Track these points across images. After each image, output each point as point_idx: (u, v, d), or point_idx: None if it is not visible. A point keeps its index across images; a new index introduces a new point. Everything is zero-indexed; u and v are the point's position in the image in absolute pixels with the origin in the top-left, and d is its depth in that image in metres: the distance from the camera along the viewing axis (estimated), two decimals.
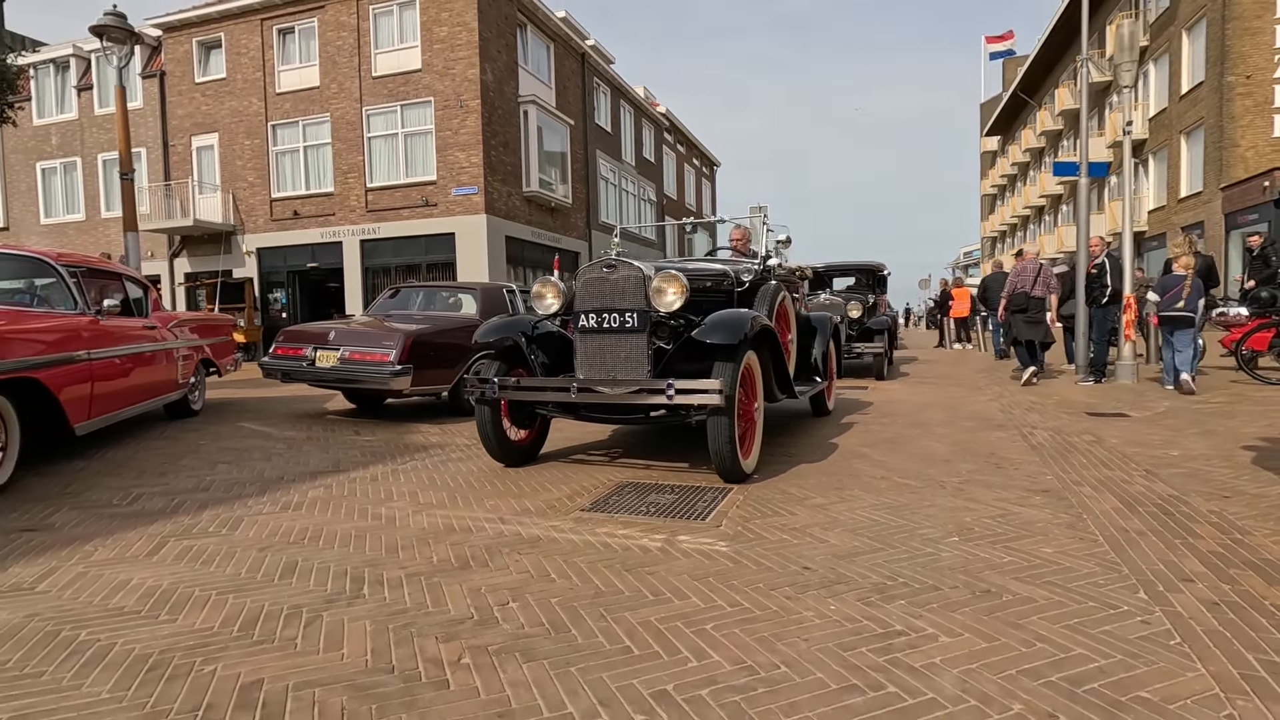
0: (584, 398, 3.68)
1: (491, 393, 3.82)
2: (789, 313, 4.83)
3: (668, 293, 3.64)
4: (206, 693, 1.68)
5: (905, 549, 2.60)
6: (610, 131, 25.08)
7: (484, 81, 17.08)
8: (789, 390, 4.33)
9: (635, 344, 3.68)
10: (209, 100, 19.56)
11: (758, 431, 3.87)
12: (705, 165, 38.64)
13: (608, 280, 3.78)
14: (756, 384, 3.86)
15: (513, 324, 4.15)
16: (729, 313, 3.64)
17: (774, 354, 4.04)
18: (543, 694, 1.65)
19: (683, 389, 3.39)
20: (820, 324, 5.63)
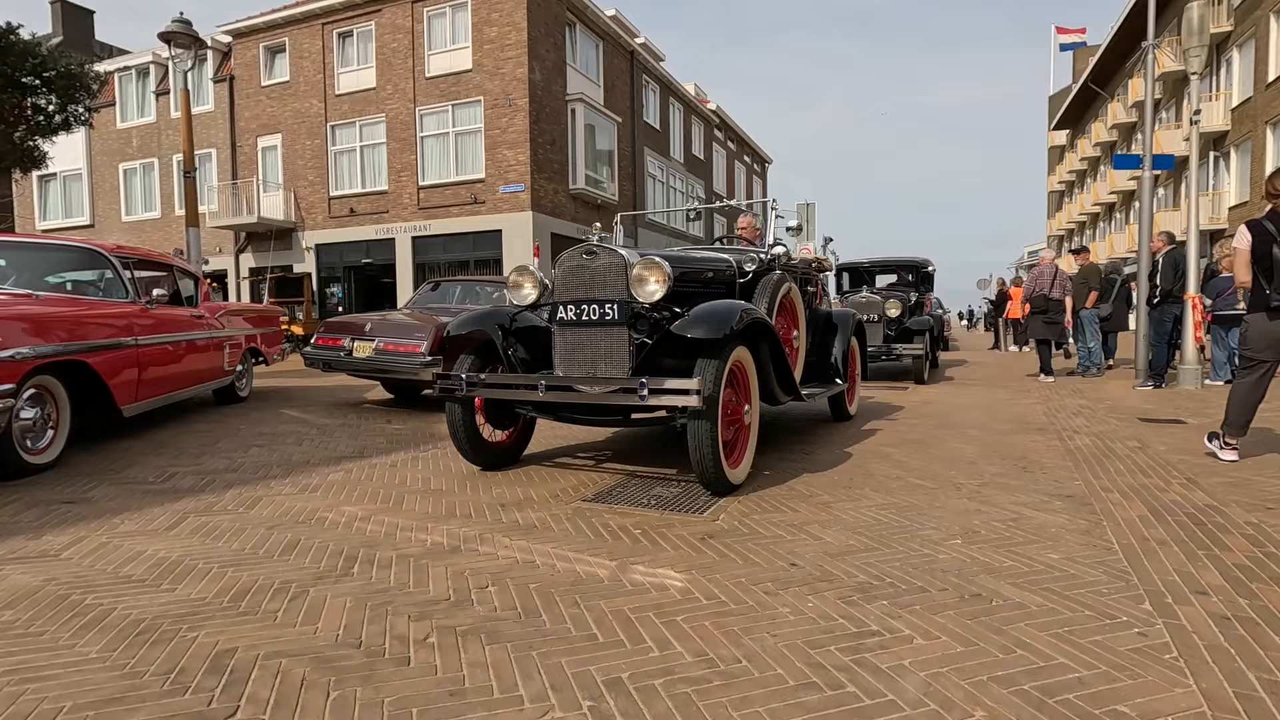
0: (554, 397, 3.32)
1: (459, 390, 3.50)
2: (796, 307, 4.48)
3: (649, 281, 3.24)
4: (183, 657, 1.75)
5: (902, 549, 2.52)
6: (659, 129, 25.06)
7: (532, 80, 17.31)
8: (793, 392, 3.90)
9: (616, 338, 3.32)
10: (273, 102, 20.43)
11: (750, 437, 3.50)
12: (757, 163, 38.22)
13: (588, 268, 3.39)
14: (749, 384, 3.47)
15: (488, 316, 3.80)
16: (716, 304, 3.26)
17: (774, 351, 3.62)
18: (498, 676, 1.66)
19: (658, 388, 3.00)
20: (842, 321, 5.26)
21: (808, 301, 4.93)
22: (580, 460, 4.18)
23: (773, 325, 3.57)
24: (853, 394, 5.66)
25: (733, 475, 3.26)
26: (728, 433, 3.28)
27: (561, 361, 3.49)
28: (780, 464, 3.98)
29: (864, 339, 5.75)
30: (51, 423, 4.00)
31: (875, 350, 7.69)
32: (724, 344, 3.10)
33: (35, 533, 2.81)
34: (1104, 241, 31.25)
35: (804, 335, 4.58)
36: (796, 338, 4.41)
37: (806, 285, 4.99)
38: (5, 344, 3.57)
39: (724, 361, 3.09)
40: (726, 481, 3.18)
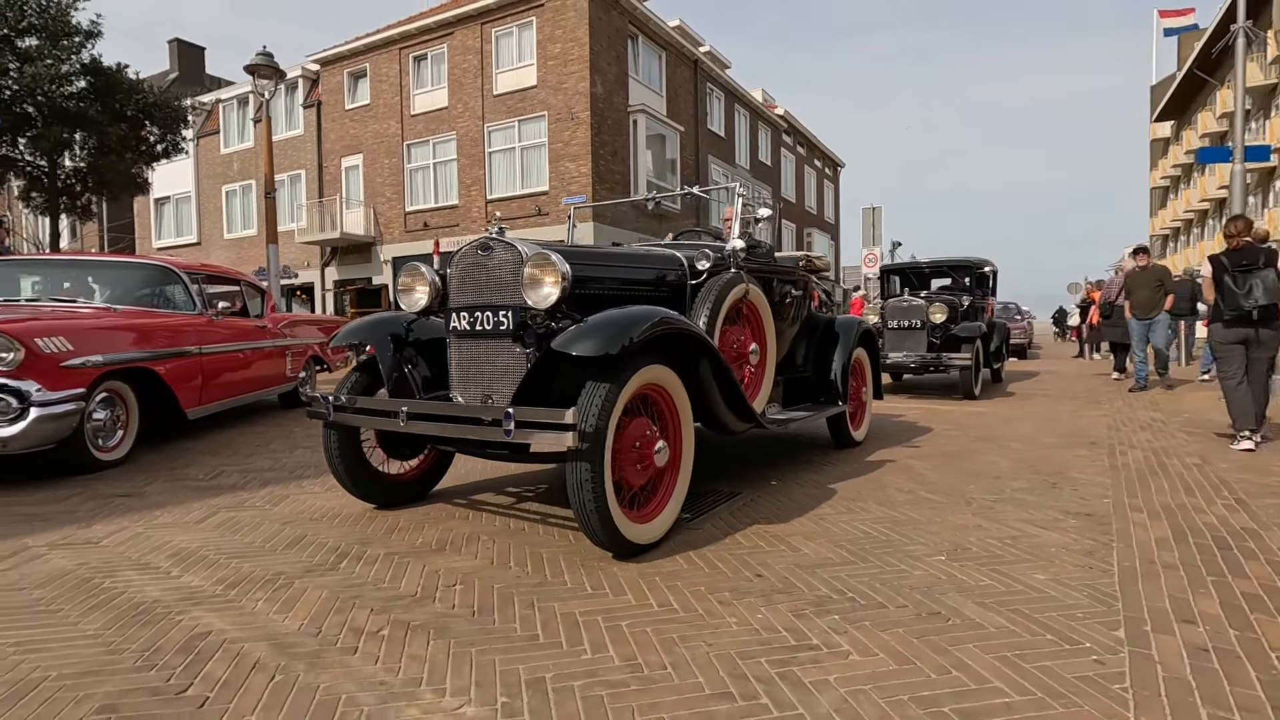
0: (416, 427, 2.69)
1: (325, 415, 2.94)
2: (760, 313, 3.61)
3: (543, 284, 2.60)
4: (163, 638, 1.93)
5: (878, 564, 2.45)
6: (723, 136, 25.00)
7: (593, 94, 17.66)
8: (747, 416, 3.13)
9: (513, 352, 2.72)
10: (355, 124, 21.70)
11: (675, 482, 2.76)
12: (828, 166, 37.43)
13: (484, 267, 2.79)
14: (678, 413, 2.77)
15: (378, 324, 3.16)
16: (617, 312, 2.54)
17: (716, 369, 2.90)
18: (430, 670, 1.75)
19: (526, 422, 2.35)
20: (845, 330, 4.53)
21: (787, 307, 4.15)
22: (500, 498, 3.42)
23: (706, 337, 2.86)
24: (860, 417, 4.86)
25: (638, 532, 2.52)
26: (636, 476, 2.58)
27: (456, 381, 2.89)
28: (792, 473, 3.92)
29: (875, 351, 4.96)
30: (121, 424, 4.43)
31: (920, 361, 7.32)
32: (619, 363, 2.42)
33: (87, 522, 3.13)
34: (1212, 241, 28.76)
35: (772, 348, 3.68)
36: (754, 352, 3.50)
37: (787, 287, 4.15)
38: (78, 352, 3.99)
39: (619, 386, 2.39)
40: (625, 541, 2.45)
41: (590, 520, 2.38)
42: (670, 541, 2.72)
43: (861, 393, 4.86)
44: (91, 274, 5.28)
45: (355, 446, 3.14)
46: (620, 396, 2.40)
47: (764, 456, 4.45)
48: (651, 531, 2.62)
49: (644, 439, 2.59)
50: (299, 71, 22.60)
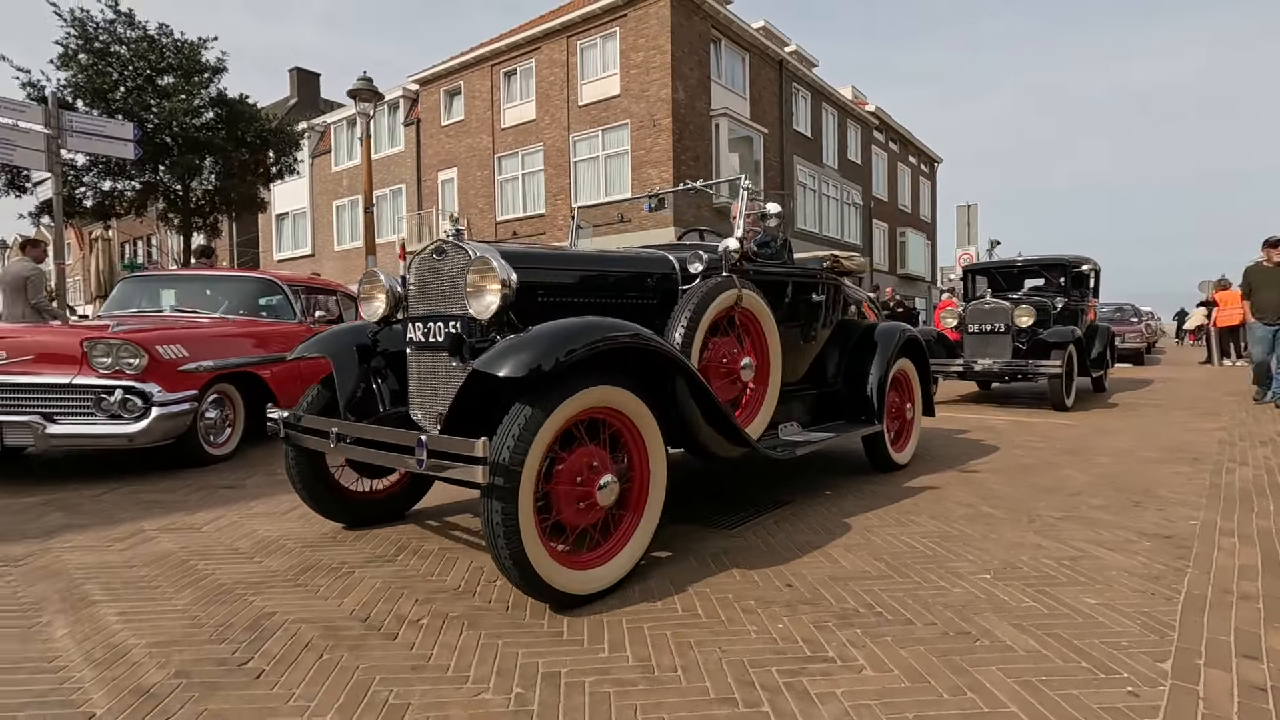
0: (344, 451, 2.50)
1: (275, 431, 2.80)
2: (758, 322, 3.14)
3: (484, 292, 2.33)
4: (236, 616, 2.17)
5: (916, 579, 2.39)
6: (810, 136, 24.50)
7: (675, 100, 17.78)
8: (737, 439, 2.74)
9: (454, 369, 2.49)
10: (451, 139, 22.84)
11: (640, 519, 2.40)
12: (924, 163, 35.86)
13: (439, 273, 2.56)
14: (640, 440, 2.40)
15: (339, 335, 2.96)
16: (553, 325, 2.19)
17: (694, 389, 2.53)
18: (459, 658, 1.88)
19: (438, 451, 2.09)
20: (884, 339, 4.02)
21: (810, 314, 3.75)
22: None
23: (671, 352, 2.42)
24: (905, 437, 4.29)
25: (575, 580, 2.18)
26: (578, 515, 2.22)
27: (413, 397, 2.68)
28: (848, 484, 3.84)
29: (924, 362, 4.40)
30: (229, 422, 4.92)
31: (1004, 368, 6.88)
32: (549, 385, 2.10)
33: (192, 510, 3.52)
34: None
35: (777, 362, 3.21)
36: (748, 367, 3.05)
37: (808, 293, 3.71)
38: (193, 358, 4.48)
39: (545, 412, 2.07)
40: (554, 590, 2.12)
41: (506, 567, 2.06)
42: (707, 549, 2.76)
43: (905, 410, 4.29)
44: (209, 287, 5.88)
45: (314, 464, 2.93)
46: (547, 424, 2.06)
47: (822, 467, 4.38)
48: (596, 578, 2.24)
49: (587, 473, 2.21)
50: (400, 92, 24.05)
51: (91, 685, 1.74)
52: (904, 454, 4.28)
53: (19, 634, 2.06)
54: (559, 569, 2.14)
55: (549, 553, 2.13)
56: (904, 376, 4.29)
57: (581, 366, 2.20)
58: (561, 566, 2.15)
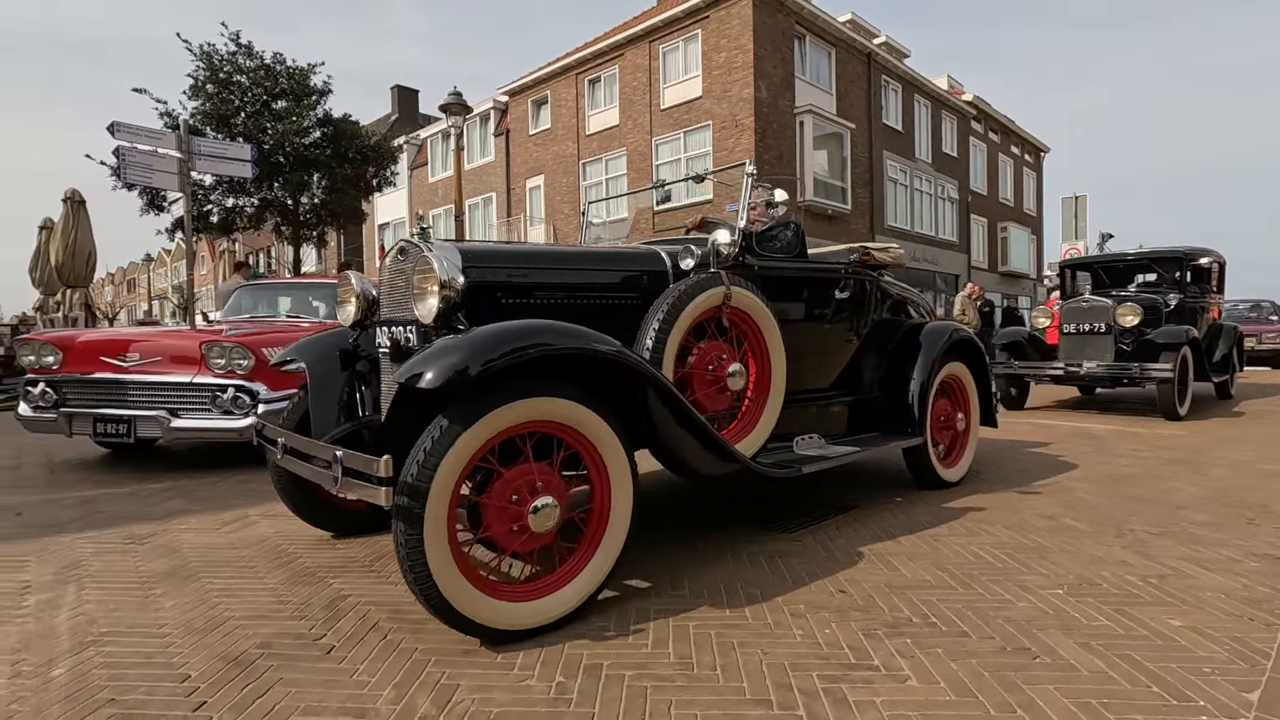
0: (288, 464, 2.34)
1: (251, 440, 2.75)
2: (756, 323, 2.81)
3: (426, 295, 2.21)
4: (316, 596, 2.36)
5: (979, 591, 2.28)
6: (901, 130, 23.59)
7: (758, 99, 17.59)
8: (723, 455, 2.48)
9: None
10: (538, 148, 23.55)
11: (599, 545, 2.16)
12: (1028, 153, 33.72)
13: (403, 273, 2.42)
14: (599, 460, 2.15)
15: (316, 342, 2.84)
16: (481, 330, 1.99)
17: (667, 400, 2.28)
18: (508, 648, 1.97)
19: (350, 469, 1.94)
20: (930, 340, 3.59)
21: (836, 311, 3.40)
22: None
23: (627, 358, 2.16)
24: (958, 451, 3.84)
25: (504, 613, 1.97)
26: (513, 539, 2.02)
27: (382, 405, 2.58)
28: (923, 489, 3.69)
29: (981, 367, 3.94)
30: None
31: (1104, 372, 6.28)
32: (470, 395, 1.92)
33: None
34: None
35: (779, 367, 2.88)
36: (737, 374, 2.71)
37: (828, 290, 3.36)
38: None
39: (462, 426, 1.88)
40: (473, 624, 1.92)
41: (415, 594, 1.89)
42: (764, 552, 2.74)
43: (955, 420, 3.78)
44: (313, 294, 6.37)
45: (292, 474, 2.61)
46: (463, 440, 1.87)
47: (895, 473, 4.23)
48: (532, 612, 2.01)
49: (525, 493, 2.01)
50: (490, 104, 25.03)
51: (190, 650, 1.95)
52: (955, 470, 3.79)
53: (137, 603, 2.33)
54: (482, 599, 1.93)
55: (470, 581, 1.92)
56: (956, 383, 3.86)
57: (512, 375, 1.98)
58: (485, 597, 1.94)
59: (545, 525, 2.02)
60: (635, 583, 2.44)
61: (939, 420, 3.71)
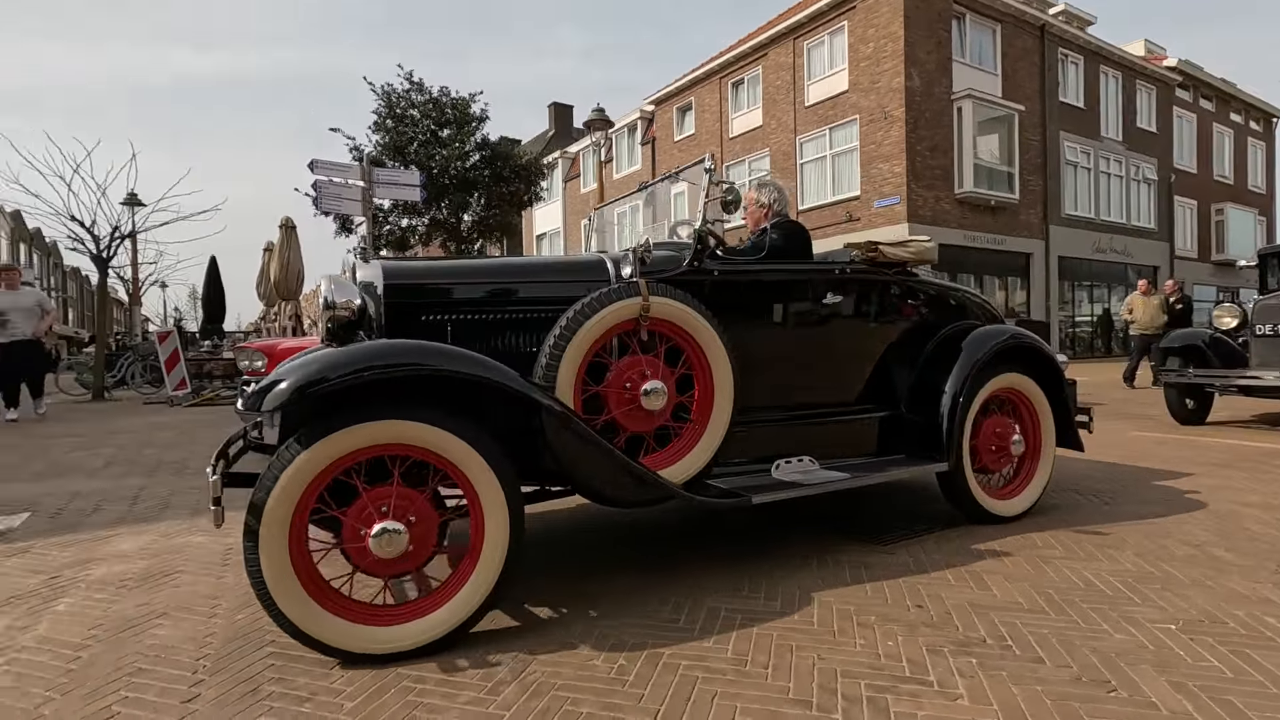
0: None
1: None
2: (693, 337, 2.47)
3: (338, 311, 2.30)
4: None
5: (1073, 619, 2.14)
6: (1082, 107, 21.18)
7: (909, 88, 16.67)
8: (648, 484, 2.32)
9: None
10: (682, 154, 23.94)
11: (471, 573, 2.05)
12: (1254, 120, 28.79)
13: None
14: (469, 485, 2.04)
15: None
16: (330, 352, 2.00)
17: (555, 422, 2.19)
18: (583, 632, 2.18)
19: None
20: (974, 347, 3.08)
21: (817, 321, 2.99)
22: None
23: (491, 380, 2.04)
24: (1024, 478, 3.27)
25: (350, 636, 1.94)
26: (374, 564, 1.99)
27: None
28: (1053, 505, 3.43)
29: (1054, 377, 3.33)
30: None
31: None
32: (318, 418, 1.92)
33: None
34: None
35: (725, 383, 2.53)
36: (654, 392, 2.38)
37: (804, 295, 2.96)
38: None
39: (301, 447, 1.88)
40: (320, 644, 1.93)
41: (268, 612, 1.91)
42: (851, 561, 2.73)
43: (1010, 443, 3.15)
44: None
45: None
46: (300, 461, 1.87)
47: None
48: (391, 638, 1.97)
49: (366, 518, 1.97)
50: (637, 114, 25.85)
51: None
52: (1012, 504, 3.19)
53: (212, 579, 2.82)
54: (331, 621, 1.93)
55: (318, 603, 1.93)
56: (1017, 397, 3.26)
57: (374, 395, 1.98)
58: (334, 618, 1.94)
59: (389, 551, 1.95)
60: (712, 582, 2.55)
61: (987, 442, 3.15)
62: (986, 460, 3.16)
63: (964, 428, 3.02)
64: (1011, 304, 19.44)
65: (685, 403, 2.51)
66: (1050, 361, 3.32)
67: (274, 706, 1.75)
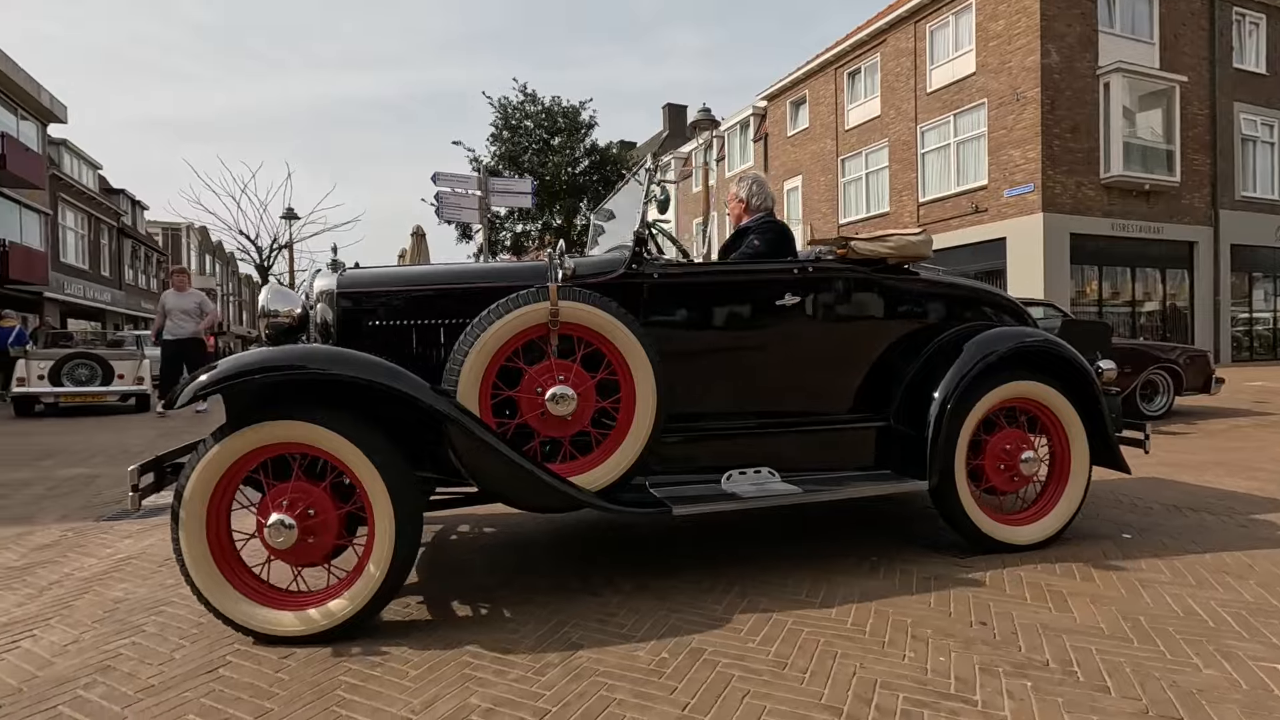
0: None
1: None
2: (611, 341, 2.42)
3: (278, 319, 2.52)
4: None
5: (1161, 649, 1.95)
6: (1263, 73, 18.53)
7: (1045, 66, 15.35)
8: (552, 490, 2.28)
9: None
10: (795, 149, 23.41)
11: (364, 566, 2.16)
12: None
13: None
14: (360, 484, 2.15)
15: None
16: (239, 355, 2.26)
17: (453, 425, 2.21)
18: (637, 622, 2.27)
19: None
20: (974, 350, 2.76)
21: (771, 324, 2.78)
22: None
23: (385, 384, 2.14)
24: (1048, 500, 2.89)
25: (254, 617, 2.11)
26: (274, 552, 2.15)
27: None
28: (1170, 526, 3.11)
29: (1083, 386, 2.89)
30: None
31: None
32: (234, 417, 2.14)
33: None
34: None
35: (646, 390, 2.44)
36: (560, 398, 2.35)
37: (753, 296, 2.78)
38: None
39: (214, 442, 2.10)
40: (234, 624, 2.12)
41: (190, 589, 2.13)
42: (921, 573, 2.64)
43: (1019, 461, 2.80)
44: None
45: None
46: (211, 455, 2.09)
47: (1132, 503, 3.59)
48: (283, 623, 2.12)
49: (264, 510, 2.15)
50: (749, 111, 25.54)
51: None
52: (1025, 530, 2.82)
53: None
54: (240, 600, 2.12)
55: (230, 583, 2.13)
56: (1035, 408, 2.88)
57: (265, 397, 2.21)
58: (242, 598, 2.13)
59: (278, 541, 2.10)
60: (770, 581, 2.55)
61: (994, 460, 2.82)
62: (996, 481, 2.84)
63: (955, 441, 2.71)
64: (1175, 300, 17.36)
65: (611, 408, 2.46)
66: (1076, 368, 2.88)
67: (351, 668, 1.97)
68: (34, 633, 2.26)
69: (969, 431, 2.75)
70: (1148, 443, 2.99)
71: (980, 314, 3.10)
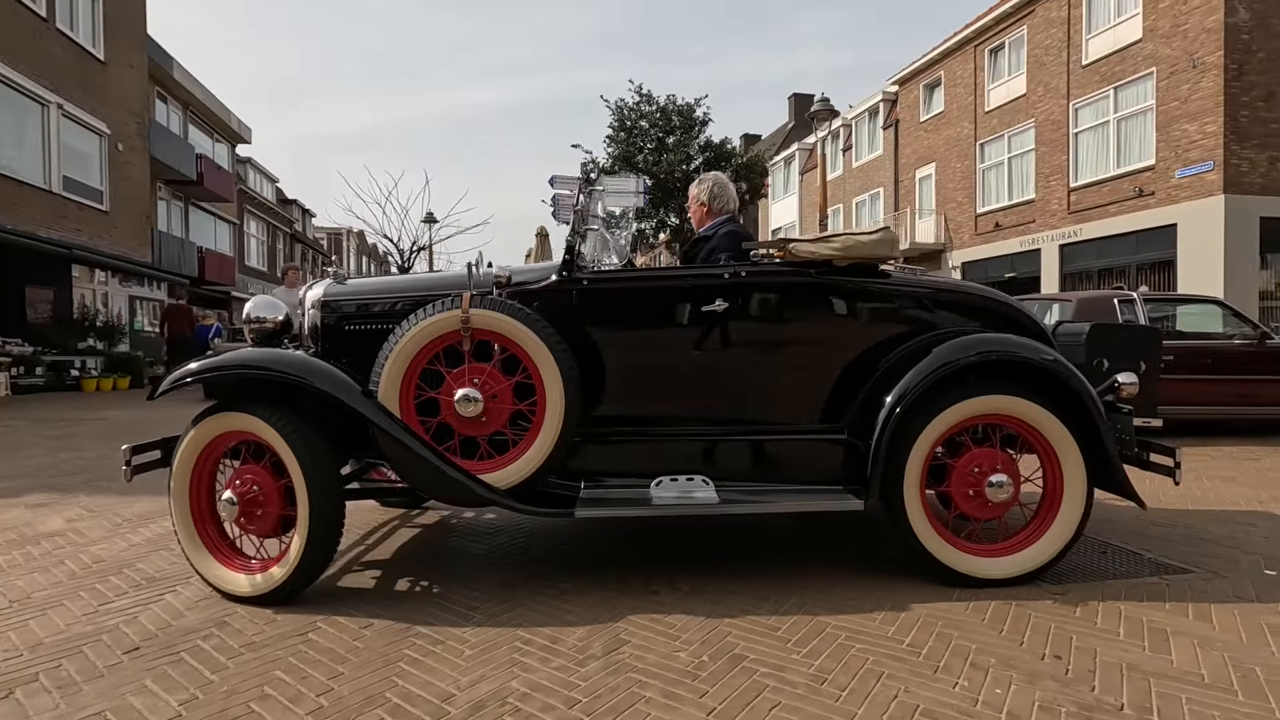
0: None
1: None
2: (522, 346, 2.51)
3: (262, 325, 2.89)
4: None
5: (1264, 706, 1.70)
6: None
7: (1230, 25, 13.40)
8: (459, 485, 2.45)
9: None
10: (929, 135, 22.02)
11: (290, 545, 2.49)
12: None
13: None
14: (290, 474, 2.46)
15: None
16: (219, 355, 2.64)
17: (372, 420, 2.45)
18: (686, 626, 2.30)
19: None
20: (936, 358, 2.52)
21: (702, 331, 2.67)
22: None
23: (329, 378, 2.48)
24: (1035, 528, 2.57)
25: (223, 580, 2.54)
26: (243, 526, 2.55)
27: None
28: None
29: (1076, 400, 2.51)
30: None
31: None
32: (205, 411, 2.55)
33: None
34: None
35: (555, 392, 2.49)
36: (467, 399, 2.48)
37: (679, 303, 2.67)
38: None
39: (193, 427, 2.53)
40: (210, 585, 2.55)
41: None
42: (1004, 596, 2.45)
43: (984, 484, 2.52)
44: None
45: None
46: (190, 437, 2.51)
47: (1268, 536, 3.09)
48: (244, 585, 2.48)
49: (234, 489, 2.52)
50: (879, 97, 24.32)
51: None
52: (996, 562, 2.53)
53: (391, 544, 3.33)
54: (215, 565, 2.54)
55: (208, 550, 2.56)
56: (1021, 428, 2.55)
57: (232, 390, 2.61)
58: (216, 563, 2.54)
59: (229, 514, 2.48)
60: (835, 593, 2.48)
61: (960, 481, 2.56)
62: (966, 507, 2.57)
63: (904, 458, 2.48)
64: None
65: (528, 411, 2.57)
66: (1065, 381, 2.52)
67: (417, 643, 2.16)
68: (176, 589, 2.66)
69: (925, 448, 2.51)
70: (1178, 472, 2.53)
71: (962, 320, 2.78)
